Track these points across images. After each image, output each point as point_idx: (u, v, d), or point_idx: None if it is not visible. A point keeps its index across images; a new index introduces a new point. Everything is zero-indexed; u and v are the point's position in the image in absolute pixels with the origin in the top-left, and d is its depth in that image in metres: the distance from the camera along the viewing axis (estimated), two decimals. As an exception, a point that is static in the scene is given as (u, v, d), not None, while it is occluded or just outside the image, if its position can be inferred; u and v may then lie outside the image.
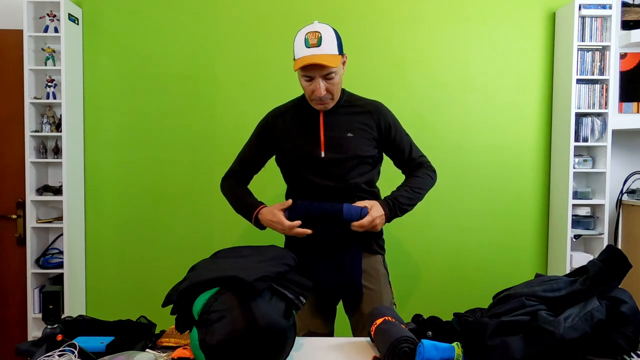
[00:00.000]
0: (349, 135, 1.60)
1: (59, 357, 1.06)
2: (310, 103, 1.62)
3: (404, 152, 1.73)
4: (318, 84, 1.52)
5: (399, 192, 1.65)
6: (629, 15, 2.87)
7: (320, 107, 1.60)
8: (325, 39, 1.50)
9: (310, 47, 1.49)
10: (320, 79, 1.52)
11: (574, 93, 2.61)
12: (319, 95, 1.54)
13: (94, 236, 2.80)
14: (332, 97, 1.58)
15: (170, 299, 1.09)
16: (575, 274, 1.23)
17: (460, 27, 2.79)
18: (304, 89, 1.58)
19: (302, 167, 1.62)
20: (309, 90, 1.56)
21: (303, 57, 1.50)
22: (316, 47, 1.49)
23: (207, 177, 2.77)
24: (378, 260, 1.71)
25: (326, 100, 1.57)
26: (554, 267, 2.76)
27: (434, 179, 1.76)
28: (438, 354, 1.06)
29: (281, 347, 1.08)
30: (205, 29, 2.77)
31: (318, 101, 1.57)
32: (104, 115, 2.79)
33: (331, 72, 1.52)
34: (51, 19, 2.59)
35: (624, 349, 1.08)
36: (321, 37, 1.49)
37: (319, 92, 1.53)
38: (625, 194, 2.76)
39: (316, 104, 1.59)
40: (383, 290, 1.67)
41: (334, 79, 1.54)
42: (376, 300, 1.63)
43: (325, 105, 1.59)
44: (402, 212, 1.63)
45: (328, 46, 1.50)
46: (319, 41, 1.49)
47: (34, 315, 2.59)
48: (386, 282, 1.71)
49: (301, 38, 1.52)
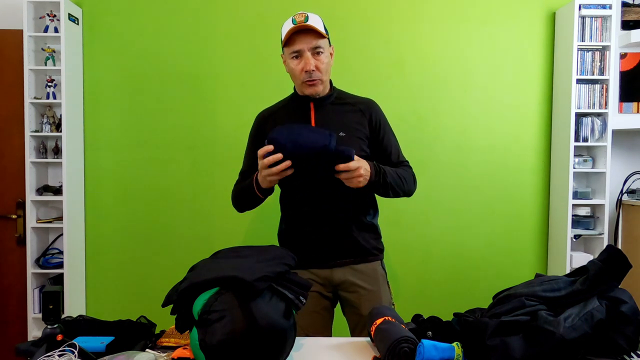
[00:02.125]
0: (342, 134, 1.58)
1: (59, 357, 1.06)
2: (300, 90, 1.59)
3: (390, 155, 1.69)
4: (307, 58, 1.51)
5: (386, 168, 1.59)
6: (629, 15, 2.87)
7: (310, 89, 1.56)
8: (312, 17, 1.52)
9: (298, 24, 1.50)
10: (309, 54, 1.52)
11: (574, 93, 2.61)
12: (308, 70, 1.51)
13: (94, 236, 2.80)
14: (321, 77, 1.55)
15: (170, 299, 1.09)
16: (575, 274, 1.23)
17: (460, 27, 2.79)
18: (293, 70, 1.55)
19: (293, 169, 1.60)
20: (298, 69, 1.53)
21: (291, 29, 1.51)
22: (303, 23, 1.51)
23: (207, 177, 2.78)
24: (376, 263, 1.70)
25: (316, 78, 1.54)
26: (554, 267, 2.76)
27: (414, 184, 1.71)
28: (438, 354, 1.06)
29: (281, 347, 1.08)
30: (205, 29, 2.77)
31: (308, 81, 1.54)
32: (104, 115, 2.79)
33: (319, 47, 1.52)
34: (51, 19, 2.59)
35: (624, 349, 1.08)
36: (307, 16, 1.52)
37: (308, 65, 1.51)
38: (625, 194, 2.76)
39: (306, 87, 1.56)
40: (381, 291, 1.66)
41: (323, 55, 1.54)
42: (374, 300, 1.62)
43: (315, 87, 1.56)
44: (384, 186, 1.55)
45: (315, 22, 1.52)
46: (305, 18, 1.51)
47: (34, 315, 2.59)
48: (384, 282, 1.70)
49: (288, 21, 1.54)
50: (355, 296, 1.64)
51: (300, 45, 1.52)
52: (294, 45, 1.52)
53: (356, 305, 1.64)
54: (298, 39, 1.51)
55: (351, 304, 1.66)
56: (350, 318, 1.68)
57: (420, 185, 2.75)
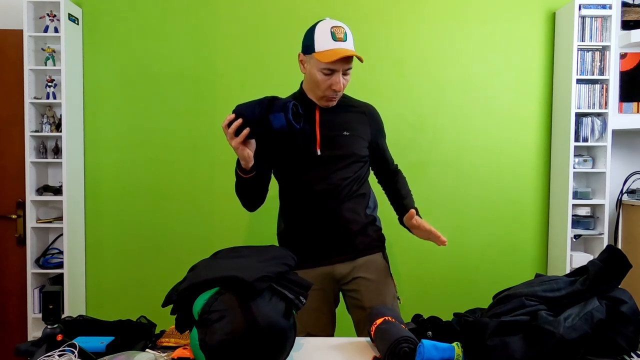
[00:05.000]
0: (345, 133, 1.61)
1: (59, 357, 1.06)
2: (315, 98, 1.60)
3: (387, 161, 1.77)
4: (339, 78, 1.53)
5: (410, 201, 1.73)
6: (629, 15, 2.87)
7: (326, 103, 1.60)
8: (349, 35, 1.53)
9: (338, 41, 1.49)
10: (340, 74, 1.53)
11: (574, 93, 2.61)
12: (338, 90, 1.54)
13: (94, 236, 2.80)
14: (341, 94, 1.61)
15: (170, 299, 1.09)
16: (575, 274, 1.23)
17: (460, 27, 2.79)
18: (319, 83, 1.54)
19: (297, 165, 1.61)
20: (325, 85, 1.54)
21: (335, 49, 1.48)
22: (343, 42, 1.50)
23: (207, 177, 2.77)
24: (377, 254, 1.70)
25: (338, 96, 1.59)
26: (554, 267, 2.76)
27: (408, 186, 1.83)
28: (438, 354, 1.06)
29: (281, 347, 1.08)
30: (205, 29, 2.77)
31: (331, 96, 1.57)
32: (104, 115, 2.79)
33: (350, 68, 1.55)
34: (51, 19, 2.59)
35: (624, 349, 1.08)
36: (346, 33, 1.52)
37: (338, 86, 1.53)
38: (625, 194, 2.76)
39: (325, 100, 1.59)
40: (384, 282, 1.66)
41: (349, 75, 1.56)
42: (376, 291, 1.62)
43: (332, 101, 1.60)
44: None
45: (351, 42, 1.54)
46: (345, 36, 1.51)
47: (34, 315, 2.59)
48: (387, 274, 1.69)
49: (325, 30, 1.50)
50: (357, 287, 1.64)
51: (337, 67, 1.51)
52: (331, 64, 1.50)
53: (358, 297, 1.63)
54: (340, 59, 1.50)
55: (353, 297, 1.65)
56: (354, 312, 1.67)
57: (420, 185, 2.79)
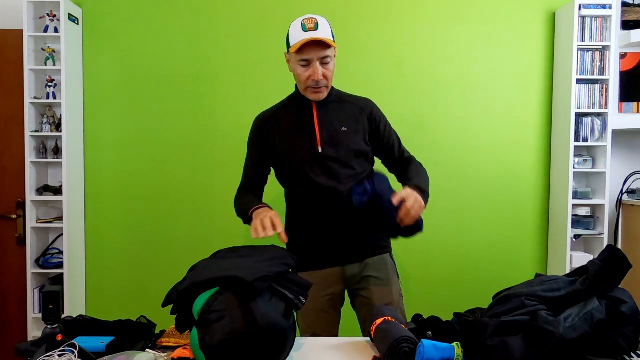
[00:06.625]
0: (344, 129, 1.61)
1: (59, 357, 1.06)
2: (304, 93, 1.60)
3: (393, 148, 1.73)
4: (316, 68, 1.52)
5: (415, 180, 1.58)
6: (629, 15, 2.87)
7: (314, 96, 1.58)
8: (322, 24, 1.52)
9: (308, 31, 1.50)
10: (317, 63, 1.52)
11: (574, 93, 2.61)
12: (316, 79, 1.53)
13: (94, 236, 2.80)
14: (327, 84, 1.58)
15: (170, 299, 1.09)
16: (575, 274, 1.23)
17: (460, 27, 2.79)
18: (299, 76, 1.56)
19: (300, 165, 1.61)
20: (305, 76, 1.54)
21: (302, 39, 1.49)
22: (314, 31, 1.50)
23: (207, 177, 2.77)
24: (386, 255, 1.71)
25: (322, 86, 1.56)
26: (554, 267, 2.76)
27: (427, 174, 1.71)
28: (438, 354, 1.06)
29: (281, 347, 1.08)
30: (205, 29, 2.77)
31: (314, 88, 1.56)
32: (104, 115, 2.79)
33: (327, 56, 1.53)
34: (51, 19, 2.59)
35: (624, 349, 1.08)
36: (317, 23, 1.52)
37: (316, 75, 1.52)
38: (625, 194, 2.76)
39: (311, 92, 1.58)
40: (392, 281, 1.67)
41: (330, 64, 1.55)
42: (387, 290, 1.64)
43: (319, 93, 1.58)
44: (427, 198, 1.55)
45: (325, 31, 1.53)
46: (315, 26, 1.51)
47: (34, 315, 2.59)
48: (394, 273, 1.71)
49: (297, 24, 1.52)
50: (366, 286, 1.65)
51: (309, 55, 1.52)
52: (302, 53, 1.52)
53: (368, 296, 1.64)
54: (308, 48, 1.51)
55: (363, 295, 1.65)
56: (361, 310, 1.67)
57: (420, 185, 2.78)
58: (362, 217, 1.55)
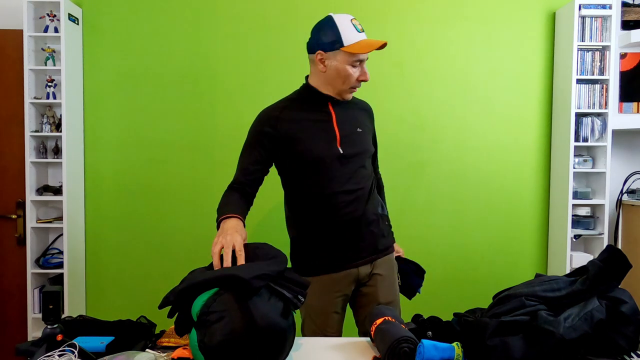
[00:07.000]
0: (359, 130, 1.63)
1: (59, 357, 1.06)
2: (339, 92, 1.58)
3: (376, 154, 1.81)
4: (365, 69, 1.56)
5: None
6: (629, 15, 2.87)
7: (350, 95, 1.63)
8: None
9: (362, 32, 1.55)
10: (365, 64, 1.57)
11: (574, 93, 2.61)
12: (366, 80, 1.58)
13: (94, 236, 2.80)
14: None
15: (167, 301, 1.09)
16: (575, 274, 1.23)
17: (460, 27, 2.79)
18: (349, 76, 1.54)
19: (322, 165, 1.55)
20: (353, 77, 1.55)
21: (365, 40, 1.53)
22: (364, 32, 1.55)
23: (207, 177, 2.77)
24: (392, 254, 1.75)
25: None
26: (554, 267, 2.76)
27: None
28: (438, 354, 1.06)
29: (281, 347, 1.08)
30: (205, 29, 2.77)
31: (355, 88, 1.60)
32: (104, 115, 2.79)
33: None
34: (51, 19, 2.59)
35: (624, 349, 1.08)
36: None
37: (366, 76, 1.57)
38: (625, 194, 2.76)
39: (349, 92, 1.61)
40: (394, 278, 1.72)
41: None
42: (390, 287, 1.67)
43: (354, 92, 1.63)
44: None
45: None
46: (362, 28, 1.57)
47: (34, 315, 2.59)
48: (395, 271, 1.75)
49: (348, 24, 1.54)
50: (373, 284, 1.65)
51: (364, 56, 1.55)
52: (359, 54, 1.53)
53: (373, 293, 1.65)
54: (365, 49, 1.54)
55: (370, 293, 1.66)
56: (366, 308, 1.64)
57: (420, 185, 2.79)
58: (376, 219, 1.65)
